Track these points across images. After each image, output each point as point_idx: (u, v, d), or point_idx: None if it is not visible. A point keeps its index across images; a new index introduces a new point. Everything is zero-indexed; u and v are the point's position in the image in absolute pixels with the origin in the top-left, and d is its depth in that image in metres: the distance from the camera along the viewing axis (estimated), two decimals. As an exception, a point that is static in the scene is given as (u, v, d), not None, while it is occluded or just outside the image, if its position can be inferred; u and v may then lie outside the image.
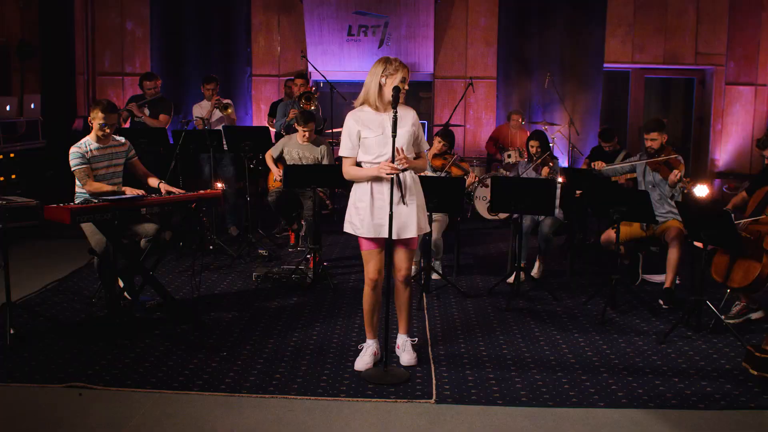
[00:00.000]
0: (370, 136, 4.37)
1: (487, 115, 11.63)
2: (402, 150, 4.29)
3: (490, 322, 5.53)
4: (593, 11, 10.98)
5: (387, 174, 4.22)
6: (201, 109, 8.31)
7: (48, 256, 7.28)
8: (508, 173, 8.80)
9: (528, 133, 9.80)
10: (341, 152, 4.51)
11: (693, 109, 11.77)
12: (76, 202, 5.09)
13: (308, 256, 6.63)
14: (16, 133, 7.69)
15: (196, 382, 4.31)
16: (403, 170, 4.33)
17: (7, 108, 7.51)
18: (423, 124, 11.43)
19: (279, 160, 7.34)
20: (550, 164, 6.72)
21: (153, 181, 5.62)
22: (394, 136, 4.21)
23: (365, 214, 4.39)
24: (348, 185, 4.65)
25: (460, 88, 11.05)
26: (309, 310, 5.73)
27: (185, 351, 4.81)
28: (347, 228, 4.52)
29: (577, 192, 6.88)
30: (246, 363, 4.62)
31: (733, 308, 5.60)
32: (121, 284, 5.54)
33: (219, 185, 7.72)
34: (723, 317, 5.40)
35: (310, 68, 11.04)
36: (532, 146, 6.91)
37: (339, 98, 10.11)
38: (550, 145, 10.00)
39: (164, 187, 5.44)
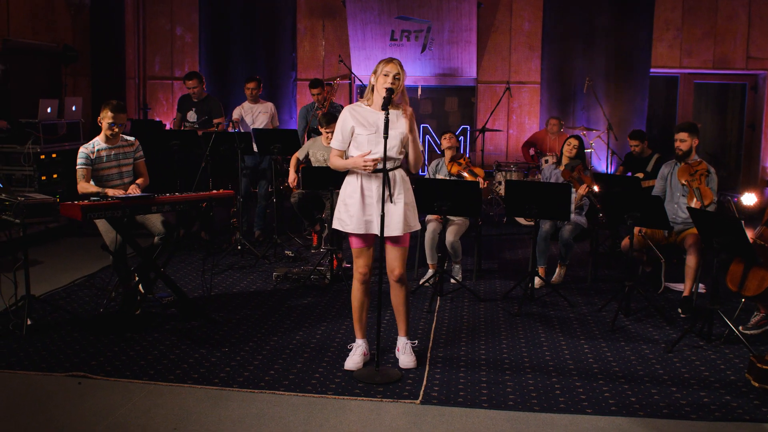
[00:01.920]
0: (362, 134, 4.42)
1: (530, 121, 11.53)
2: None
3: (497, 326, 5.50)
4: (640, 15, 10.77)
5: (362, 167, 4.31)
6: (242, 110, 8.45)
7: (82, 252, 7.57)
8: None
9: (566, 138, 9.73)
10: (331, 143, 4.58)
11: (744, 115, 11.41)
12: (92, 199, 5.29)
13: (334, 256, 6.68)
14: (56, 134, 8.00)
15: (191, 376, 4.43)
16: (390, 169, 4.37)
17: (48, 110, 7.83)
18: (465, 129, 11.47)
19: (306, 162, 7.44)
20: (586, 177, 6.58)
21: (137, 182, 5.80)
22: (386, 138, 4.24)
23: (355, 210, 4.44)
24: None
25: (504, 92, 10.98)
26: (319, 310, 5.80)
27: (189, 346, 4.93)
28: (335, 225, 4.57)
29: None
30: (244, 359, 4.71)
31: (752, 318, 5.43)
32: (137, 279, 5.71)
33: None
34: (740, 327, 5.26)
35: (354, 71, 11.20)
36: (569, 144, 6.81)
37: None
38: (588, 150, 9.91)
39: (131, 188, 5.59)
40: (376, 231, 4.38)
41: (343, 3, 11.39)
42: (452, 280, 6.51)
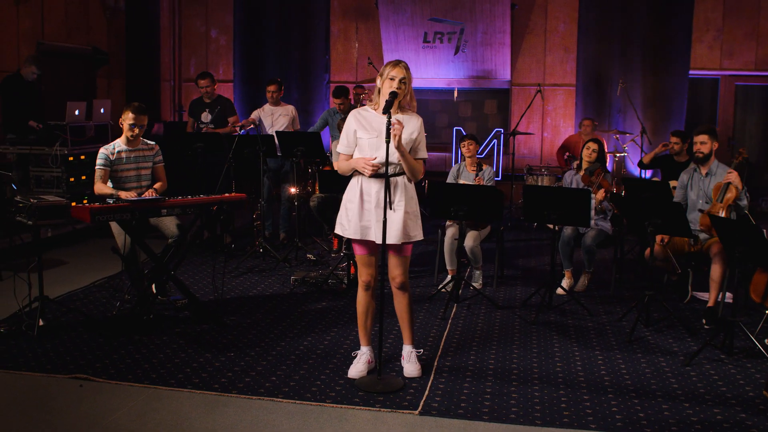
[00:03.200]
0: (364, 137, 4.35)
1: (565, 123, 11.33)
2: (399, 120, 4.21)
3: (511, 335, 5.37)
4: (679, 16, 10.49)
5: (362, 168, 4.24)
6: (261, 112, 8.45)
7: (107, 253, 7.57)
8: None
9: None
10: (338, 148, 4.52)
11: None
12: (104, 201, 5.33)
13: (351, 261, 6.61)
14: (84, 136, 8.10)
15: (192, 380, 4.40)
16: (391, 175, 4.28)
17: (76, 112, 7.94)
18: (499, 132, 11.30)
19: None
20: (605, 181, 6.39)
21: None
22: (387, 142, 4.15)
23: (353, 215, 4.37)
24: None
25: (538, 95, 10.79)
26: (332, 316, 5.74)
27: (195, 349, 4.92)
28: (337, 229, 4.51)
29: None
30: (248, 364, 4.68)
31: (779, 332, 5.21)
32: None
33: (293, 190, 7.83)
34: (766, 341, 5.04)
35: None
36: (589, 148, 6.63)
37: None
38: (623, 154, 9.67)
39: (147, 193, 5.58)
40: (373, 238, 4.31)
41: (376, 5, 11.34)
42: (471, 287, 6.39)
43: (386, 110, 4.16)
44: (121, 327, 5.19)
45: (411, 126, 4.37)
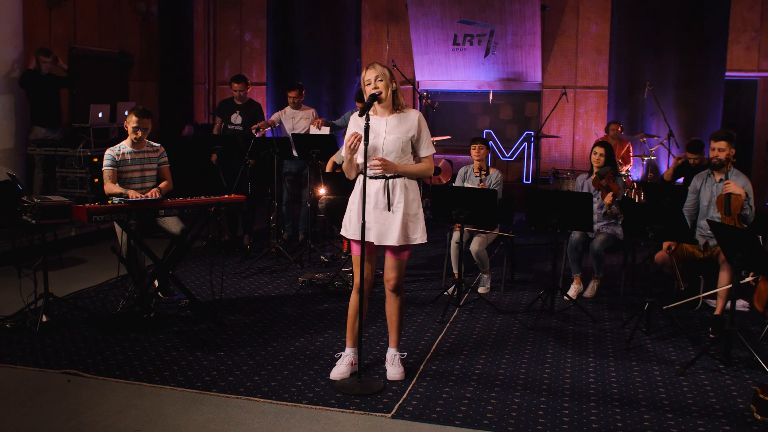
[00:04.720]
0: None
1: (597, 126, 11.14)
2: (380, 158, 4.26)
3: (506, 340, 5.30)
4: (715, 16, 10.21)
5: (348, 143, 4.23)
6: (282, 115, 8.53)
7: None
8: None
9: (628, 145, 9.34)
10: (343, 154, 4.55)
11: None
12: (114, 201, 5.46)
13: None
14: (107, 138, 8.30)
15: (177, 378, 4.47)
16: (390, 176, 4.31)
17: (99, 115, 8.14)
18: (529, 135, 11.17)
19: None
20: (614, 185, 6.27)
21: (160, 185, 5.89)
22: (366, 144, 4.18)
23: (353, 215, 4.42)
24: None
25: (569, 98, 10.63)
26: (331, 317, 5.76)
27: (188, 348, 4.99)
28: (343, 231, 4.57)
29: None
30: (235, 363, 4.73)
31: (784, 342, 5.03)
32: (156, 283, 5.85)
33: (322, 191, 7.90)
34: (770, 352, 4.88)
35: (417, 76, 11.13)
36: (596, 153, 6.52)
37: (440, 106, 10.11)
38: (652, 158, 9.47)
39: (151, 192, 5.66)
40: (372, 239, 4.33)
41: (406, 8, 11.34)
42: (479, 290, 6.35)
43: (363, 113, 4.18)
44: (120, 325, 5.30)
45: (407, 124, 4.38)
